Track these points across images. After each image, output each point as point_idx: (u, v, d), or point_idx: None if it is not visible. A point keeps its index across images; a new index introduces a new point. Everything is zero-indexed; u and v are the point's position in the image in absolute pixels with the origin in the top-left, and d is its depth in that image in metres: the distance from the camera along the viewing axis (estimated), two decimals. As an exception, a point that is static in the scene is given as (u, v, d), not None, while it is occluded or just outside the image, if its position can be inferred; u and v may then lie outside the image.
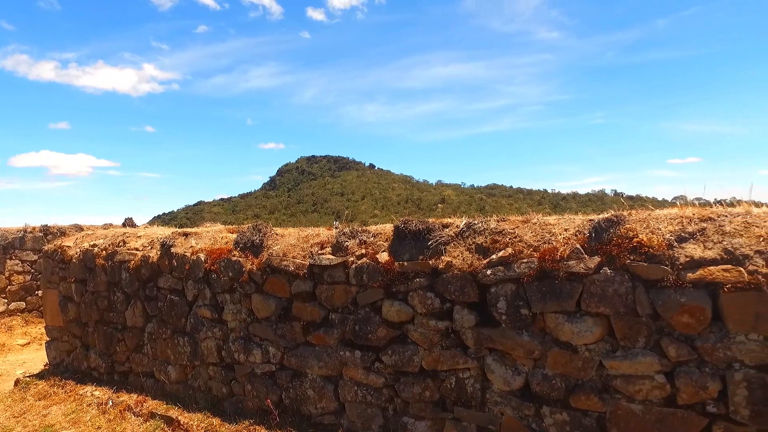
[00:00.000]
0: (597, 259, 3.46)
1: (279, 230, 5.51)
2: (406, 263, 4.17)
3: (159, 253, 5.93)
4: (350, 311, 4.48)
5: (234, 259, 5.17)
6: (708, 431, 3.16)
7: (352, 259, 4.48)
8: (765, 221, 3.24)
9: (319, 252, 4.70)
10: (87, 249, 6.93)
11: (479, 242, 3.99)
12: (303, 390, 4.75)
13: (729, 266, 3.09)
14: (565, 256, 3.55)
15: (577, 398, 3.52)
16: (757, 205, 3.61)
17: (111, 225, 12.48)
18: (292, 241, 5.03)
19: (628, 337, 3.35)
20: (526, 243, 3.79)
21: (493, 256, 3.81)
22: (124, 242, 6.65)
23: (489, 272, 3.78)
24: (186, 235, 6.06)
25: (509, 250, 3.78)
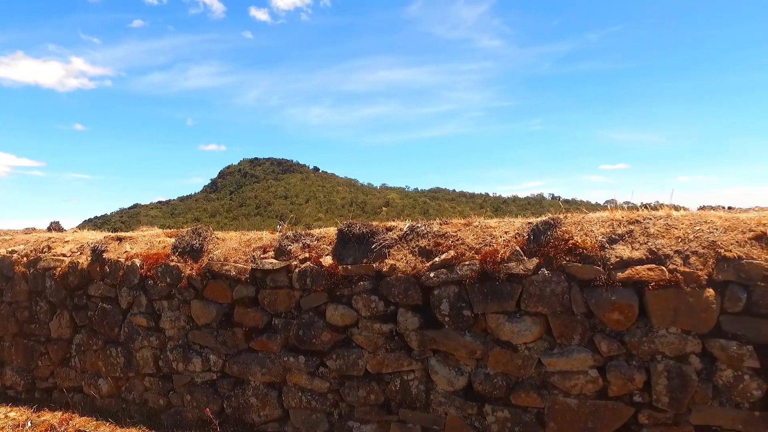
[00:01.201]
0: (535, 260, 3.60)
1: (220, 234, 5.35)
2: (350, 267, 4.17)
3: (90, 259, 5.59)
4: (294, 316, 4.41)
5: (172, 264, 4.97)
6: (634, 419, 3.38)
7: (296, 263, 4.42)
8: (683, 223, 3.50)
9: (262, 256, 4.60)
10: (4, 255, 6.43)
11: (422, 245, 4.05)
12: (246, 398, 4.63)
13: (653, 265, 3.31)
14: (506, 258, 3.67)
15: (517, 395, 3.64)
16: (677, 208, 3.89)
17: (34, 229, 11.64)
18: (234, 245, 4.90)
19: (564, 335, 3.51)
20: (468, 245, 3.88)
21: (436, 259, 3.88)
22: (50, 248, 6.22)
23: (432, 275, 3.84)
24: (120, 239, 5.76)
25: (452, 252, 3.86)
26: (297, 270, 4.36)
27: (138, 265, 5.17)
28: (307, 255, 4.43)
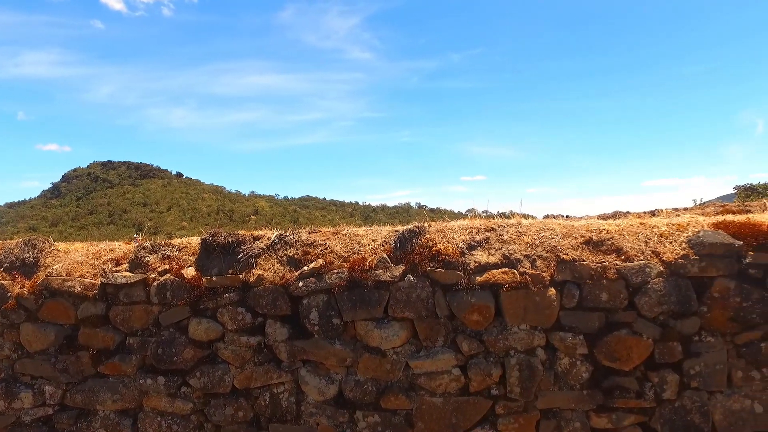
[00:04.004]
0: (402, 267, 3.74)
1: (63, 245, 4.72)
2: (214, 278, 3.95)
3: None
4: (152, 333, 4.05)
5: (-3, 282, 4.25)
6: (492, 411, 3.66)
7: (154, 275, 4.06)
8: (531, 230, 3.91)
9: (115, 269, 4.16)
10: None
11: (291, 254, 3.99)
12: (92, 431, 4.11)
13: (507, 269, 3.65)
14: (373, 265, 3.77)
15: (387, 399, 3.73)
16: (526, 217, 4.34)
17: None
18: (80, 258, 4.36)
19: (429, 338, 3.69)
20: (336, 254, 3.91)
21: (305, 268, 3.85)
22: None
23: (301, 284, 3.80)
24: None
25: (320, 261, 3.86)
26: (156, 283, 4.02)
27: (-49, 283, 4.34)
28: (167, 267, 4.11)
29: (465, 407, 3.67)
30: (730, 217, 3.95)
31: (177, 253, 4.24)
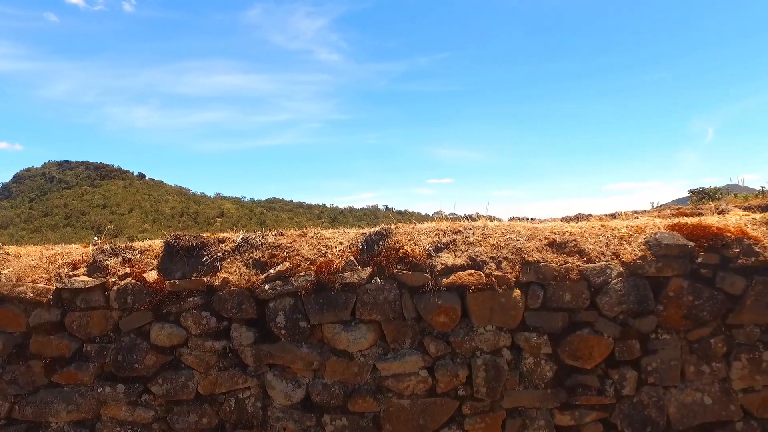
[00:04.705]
0: (369, 269, 3.74)
1: (14, 249, 4.51)
2: (178, 281, 3.85)
3: None
4: (111, 340, 3.91)
5: (-58, 287, 4.03)
6: (459, 411, 3.70)
7: (114, 279, 3.93)
8: (496, 233, 3.97)
9: (71, 273, 4.00)
10: None
11: (257, 257, 3.94)
12: (46, 441, 3.94)
13: (473, 271, 3.70)
14: (340, 268, 3.75)
15: (354, 402, 3.72)
16: (492, 219, 4.41)
17: None
18: (33, 262, 4.18)
19: (397, 340, 3.70)
20: (303, 256, 3.88)
21: (271, 271, 3.80)
22: None
23: (267, 287, 3.75)
24: None
25: (287, 264, 3.82)
26: (116, 288, 3.89)
27: None
28: (128, 270, 3.98)
29: (432, 408, 3.69)
30: (684, 220, 4.12)
31: (139, 256, 4.12)
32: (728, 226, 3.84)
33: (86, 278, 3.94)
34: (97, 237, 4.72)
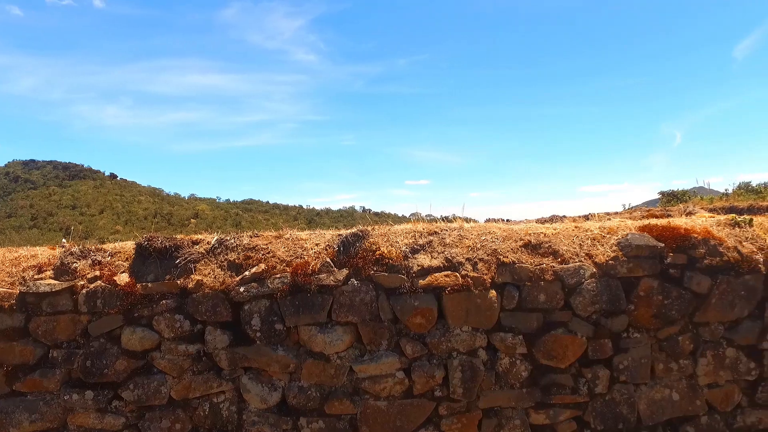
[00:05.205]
0: (345, 271, 3.72)
1: (-26, 252, 4.34)
2: (150, 284, 3.77)
3: None
4: (80, 345, 3.80)
5: None
6: (435, 412, 3.71)
7: (83, 282, 3.83)
8: (472, 234, 4.01)
9: (37, 277, 3.88)
10: None
11: (232, 259, 3.88)
12: (10, 451, 3.80)
13: (449, 272, 3.72)
14: (317, 269, 3.73)
15: (331, 405, 3.69)
16: (468, 221, 4.44)
17: None
18: (-4, 266, 4.02)
19: (373, 342, 3.70)
20: (279, 258, 3.84)
21: (246, 273, 3.75)
22: None
23: (242, 289, 3.70)
24: None
25: (262, 266, 3.78)
26: (85, 291, 3.78)
27: None
28: (97, 273, 3.88)
29: (409, 410, 3.69)
30: (654, 221, 4.23)
31: (109, 258, 4.02)
32: (695, 228, 3.95)
33: (53, 281, 3.82)
34: (66, 239, 4.58)
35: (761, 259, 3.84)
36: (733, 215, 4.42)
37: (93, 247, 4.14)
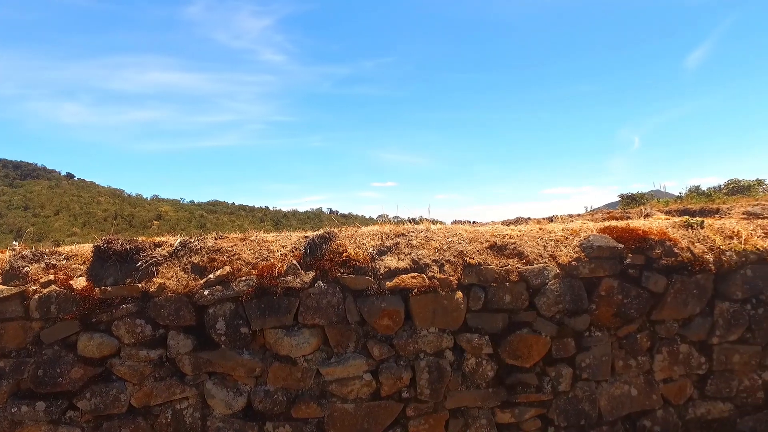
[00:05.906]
0: (312, 273, 3.69)
1: None
2: (109, 288, 3.64)
3: None
4: (30, 353, 3.63)
5: None
6: (403, 413, 3.72)
7: (35, 287, 3.66)
8: (439, 236, 4.04)
9: (-15, 282, 3.68)
10: None
11: (196, 261, 3.79)
12: (-45, 466, 3.60)
13: (416, 274, 3.73)
14: (283, 272, 3.68)
15: (298, 408, 3.65)
16: (434, 222, 4.47)
17: None
18: (-60, 270, 3.80)
19: (340, 344, 3.67)
20: (244, 261, 3.78)
21: (211, 276, 3.67)
22: None
23: (206, 292, 3.62)
24: None
25: (227, 268, 3.70)
26: (37, 296, 3.61)
27: None
28: (52, 277, 3.71)
29: (376, 412, 3.69)
30: (614, 223, 4.36)
31: (65, 261, 3.85)
32: (652, 229, 4.10)
33: (1, 287, 3.64)
34: (17, 241, 4.36)
35: (711, 259, 4.02)
36: (687, 217, 4.61)
37: (47, 250, 3.96)
